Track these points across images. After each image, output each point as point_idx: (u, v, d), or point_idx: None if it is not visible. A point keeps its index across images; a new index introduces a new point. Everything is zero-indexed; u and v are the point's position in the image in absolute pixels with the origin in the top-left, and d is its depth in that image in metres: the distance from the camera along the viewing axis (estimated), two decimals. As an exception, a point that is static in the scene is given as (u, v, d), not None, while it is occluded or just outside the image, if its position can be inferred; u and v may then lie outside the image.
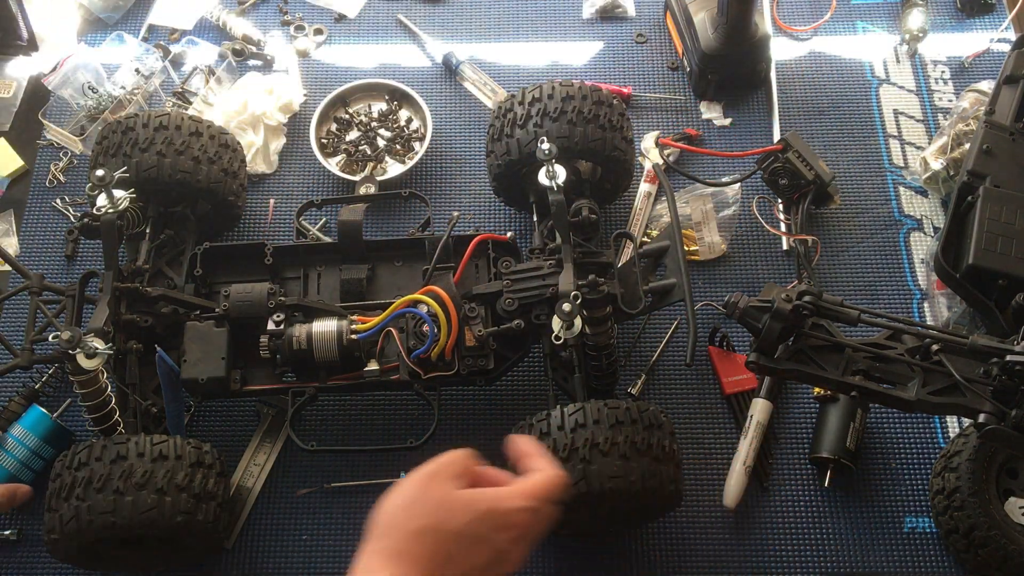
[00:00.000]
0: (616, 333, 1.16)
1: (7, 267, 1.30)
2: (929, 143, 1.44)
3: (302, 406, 1.14)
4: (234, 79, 1.53)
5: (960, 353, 1.01)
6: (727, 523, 1.20)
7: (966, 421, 1.24)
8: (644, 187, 1.42)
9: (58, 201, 1.44)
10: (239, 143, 1.35)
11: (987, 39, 1.57)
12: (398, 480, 0.76)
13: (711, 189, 1.40)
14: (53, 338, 1.03)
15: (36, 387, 1.27)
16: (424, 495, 0.74)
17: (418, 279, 1.21)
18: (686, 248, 1.33)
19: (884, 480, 1.23)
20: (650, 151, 1.42)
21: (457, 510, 0.73)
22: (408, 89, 1.49)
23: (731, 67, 1.48)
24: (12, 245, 1.41)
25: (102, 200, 1.17)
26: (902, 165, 1.46)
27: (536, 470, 0.80)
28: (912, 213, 1.42)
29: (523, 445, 0.84)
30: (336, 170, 1.43)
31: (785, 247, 1.38)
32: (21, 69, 1.57)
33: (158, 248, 1.25)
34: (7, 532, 1.20)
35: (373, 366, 1.14)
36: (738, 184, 1.40)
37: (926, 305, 1.34)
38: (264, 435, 1.26)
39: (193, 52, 1.57)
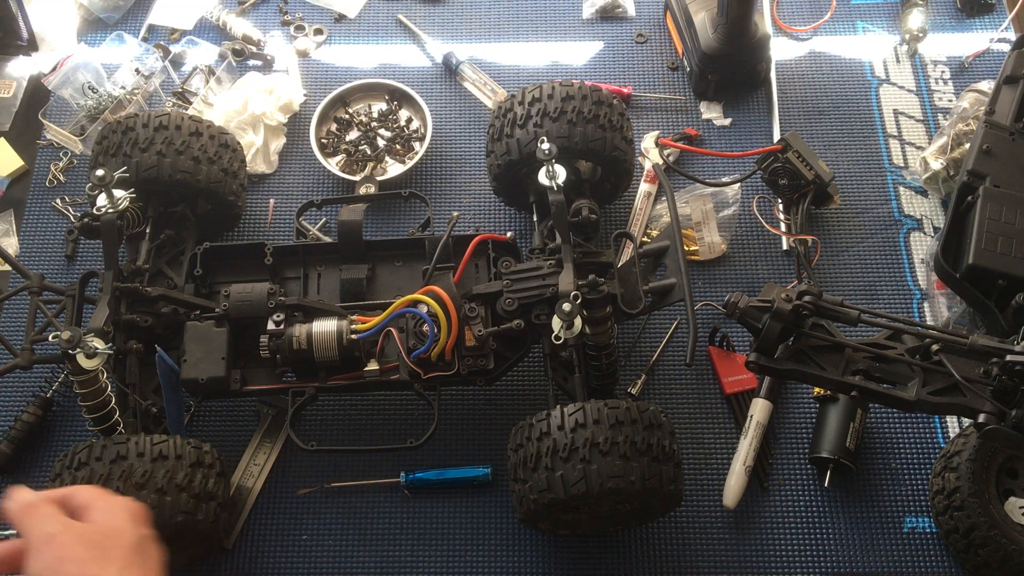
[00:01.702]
0: (616, 333, 1.16)
1: (7, 267, 1.30)
2: (929, 143, 1.44)
3: (302, 406, 1.14)
4: (234, 79, 1.53)
5: (960, 353, 1.01)
6: (727, 523, 1.20)
7: (966, 421, 1.24)
8: (644, 187, 1.42)
9: (58, 201, 1.45)
10: (239, 143, 1.35)
11: (987, 39, 1.57)
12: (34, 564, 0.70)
13: (711, 189, 1.40)
14: (53, 338, 1.03)
15: (48, 395, 1.27)
16: (75, 540, 0.69)
17: (418, 279, 1.21)
18: (686, 248, 1.33)
19: (884, 480, 1.23)
20: (650, 151, 1.42)
21: (111, 529, 0.71)
22: (408, 89, 1.49)
23: (731, 67, 1.48)
24: (12, 245, 1.41)
25: (102, 200, 1.17)
26: (902, 165, 1.46)
27: (68, 492, 0.75)
28: (912, 213, 1.42)
29: (21, 496, 0.74)
30: (336, 170, 1.44)
31: (785, 247, 1.38)
32: (21, 69, 1.57)
33: (158, 248, 1.25)
34: (7, 532, 1.20)
35: (373, 366, 1.14)
36: (738, 184, 1.40)
37: (926, 305, 1.35)
38: (264, 435, 1.26)
39: (193, 52, 1.57)
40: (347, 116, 1.49)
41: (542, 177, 1.17)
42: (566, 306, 1.04)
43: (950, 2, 1.61)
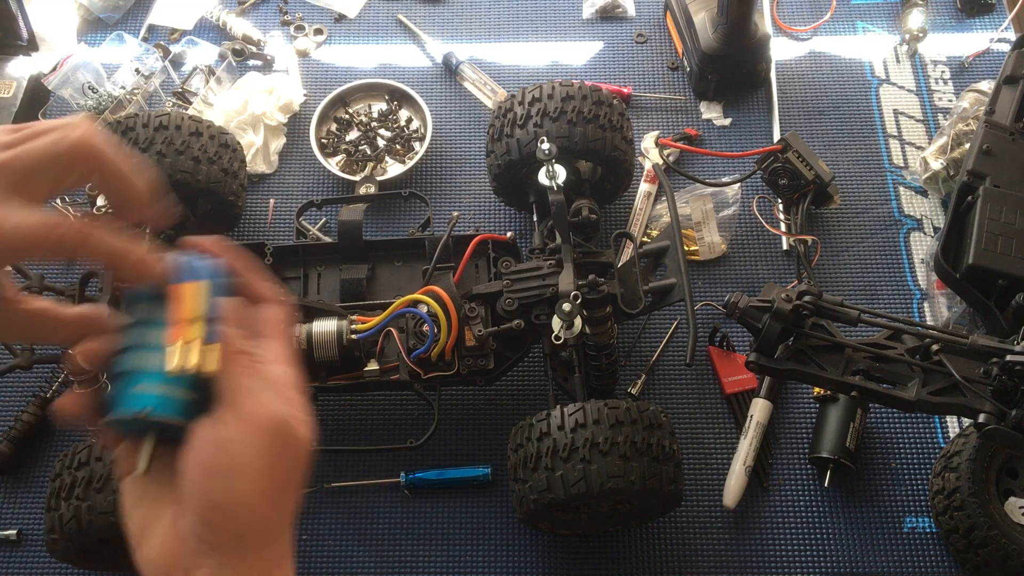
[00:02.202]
0: (616, 333, 1.16)
1: (7, 267, 1.30)
2: (929, 143, 1.44)
3: (302, 406, 1.14)
4: (234, 79, 1.53)
5: (960, 353, 1.01)
6: (727, 523, 1.20)
7: (966, 421, 1.24)
8: (644, 187, 1.42)
9: (58, 201, 1.44)
10: (239, 143, 1.35)
11: (987, 39, 1.57)
12: None
13: (711, 189, 1.40)
14: None
15: (47, 395, 1.27)
16: (300, 457, 0.53)
17: (418, 279, 1.21)
18: (686, 248, 1.33)
19: (884, 480, 1.23)
20: (650, 151, 1.42)
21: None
22: (408, 89, 1.49)
23: (731, 67, 1.48)
24: (12, 245, 1.41)
25: (102, 200, 1.17)
26: (902, 165, 1.46)
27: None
28: (912, 213, 1.42)
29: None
30: (336, 170, 1.44)
31: (785, 247, 1.38)
32: (21, 69, 1.57)
33: (158, 248, 1.24)
34: (7, 532, 1.21)
35: (373, 366, 1.14)
36: (738, 184, 1.40)
37: (926, 305, 1.35)
38: (264, 435, 1.26)
39: (193, 52, 1.57)
40: (347, 116, 1.49)
41: (542, 177, 1.17)
42: (566, 306, 1.04)
43: (950, 2, 1.61)
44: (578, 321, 1.05)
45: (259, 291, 0.56)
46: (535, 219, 1.27)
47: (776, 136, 1.47)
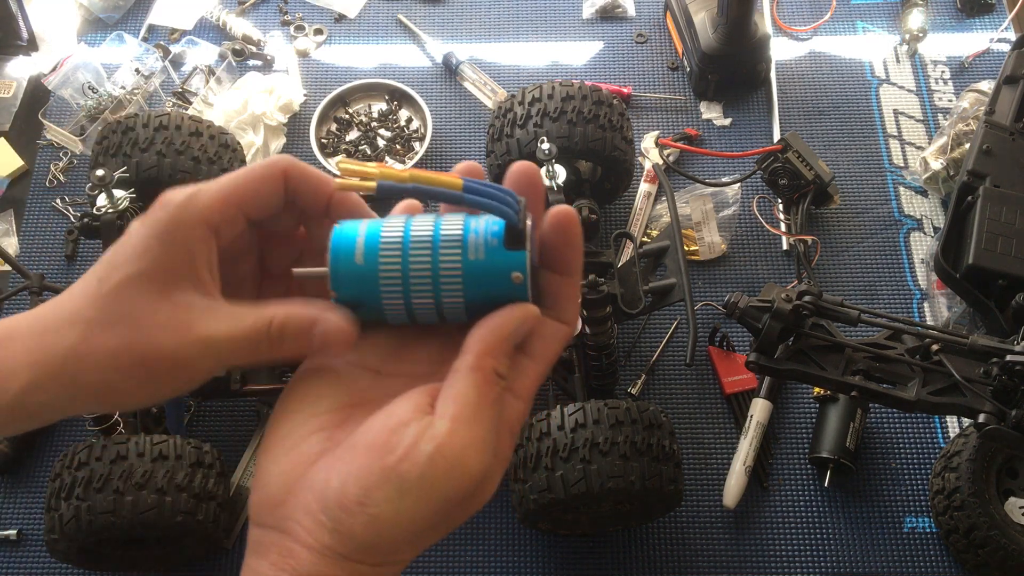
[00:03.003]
0: (616, 333, 1.16)
1: (7, 267, 1.30)
2: (929, 143, 1.44)
3: (302, 406, 1.14)
4: (234, 79, 1.53)
5: (960, 353, 1.01)
6: (727, 523, 1.20)
7: (966, 421, 1.24)
8: (644, 187, 1.42)
9: (58, 201, 1.44)
10: (239, 143, 1.35)
11: (987, 39, 1.57)
12: None
13: (711, 189, 1.40)
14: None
15: None
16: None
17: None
18: (686, 248, 1.33)
19: (884, 480, 1.23)
20: (650, 151, 1.42)
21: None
22: (408, 89, 1.49)
23: (731, 67, 1.48)
24: (12, 245, 1.41)
25: (102, 200, 1.17)
26: (902, 165, 1.46)
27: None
28: (912, 213, 1.42)
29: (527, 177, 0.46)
30: (336, 170, 1.43)
31: (785, 247, 1.38)
32: (21, 69, 1.57)
33: (158, 248, 1.24)
34: (7, 532, 1.21)
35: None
36: (738, 184, 1.40)
37: (926, 305, 1.35)
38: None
39: (193, 52, 1.57)
40: (347, 116, 1.49)
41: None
42: (566, 306, 1.04)
43: (950, 2, 1.61)
44: (578, 321, 1.05)
45: (570, 261, 0.45)
46: (535, 219, 1.27)
47: (776, 136, 1.47)
